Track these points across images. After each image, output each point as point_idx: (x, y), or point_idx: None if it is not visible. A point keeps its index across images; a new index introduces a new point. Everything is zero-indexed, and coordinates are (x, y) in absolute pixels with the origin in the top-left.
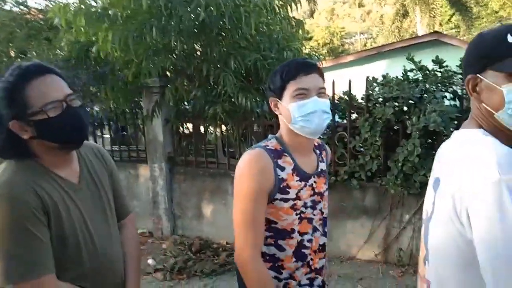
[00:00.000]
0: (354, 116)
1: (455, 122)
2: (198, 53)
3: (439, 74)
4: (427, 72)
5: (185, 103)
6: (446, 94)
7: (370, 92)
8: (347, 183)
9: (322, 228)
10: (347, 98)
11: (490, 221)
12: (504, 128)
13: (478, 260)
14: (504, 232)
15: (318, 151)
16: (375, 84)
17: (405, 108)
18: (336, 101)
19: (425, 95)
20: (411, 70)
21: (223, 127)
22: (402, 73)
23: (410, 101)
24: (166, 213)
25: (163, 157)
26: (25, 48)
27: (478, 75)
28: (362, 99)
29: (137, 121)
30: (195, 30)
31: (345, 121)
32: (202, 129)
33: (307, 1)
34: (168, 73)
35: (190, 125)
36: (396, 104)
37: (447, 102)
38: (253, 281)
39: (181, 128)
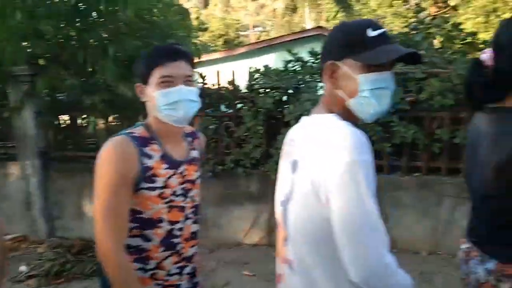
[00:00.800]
0: (239, 105)
1: None
2: (74, 39)
3: (314, 65)
4: (303, 63)
5: (60, 93)
6: (321, 84)
7: (253, 82)
8: (233, 171)
9: (194, 215)
10: (232, 88)
11: (346, 198)
12: (352, 114)
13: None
14: (358, 207)
15: (190, 139)
16: (257, 75)
17: (284, 98)
18: (221, 91)
19: (302, 85)
20: (289, 62)
21: (110, 118)
22: (283, 65)
23: (289, 91)
24: (42, 214)
25: (36, 153)
26: None
27: (337, 62)
28: (246, 89)
29: (4, 114)
30: (69, 13)
31: (230, 111)
32: (81, 121)
33: None
34: (41, 60)
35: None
36: (277, 93)
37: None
38: (115, 275)
39: (56, 121)
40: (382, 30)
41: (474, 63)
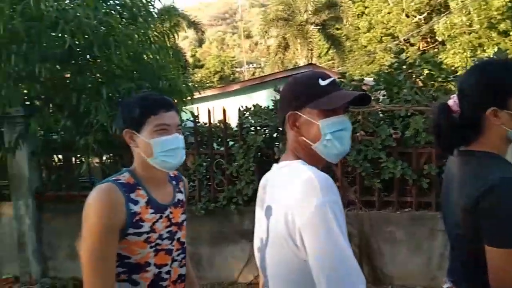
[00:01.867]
0: (230, 143)
1: None
2: (68, 81)
3: None
4: None
5: (54, 133)
6: None
7: (244, 121)
8: (226, 209)
9: (181, 258)
10: (223, 127)
11: (320, 239)
12: (319, 158)
13: (312, 278)
14: (332, 246)
15: (174, 182)
16: (247, 114)
17: (274, 135)
18: (213, 129)
19: None
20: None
21: (104, 157)
22: (273, 103)
23: (279, 129)
24: (35, 255)
25: (30, 192)
26: None
27: (297, 112)
28: (236, 127)
29: None
30: (63, 57)
31: (222, 149)
32: (75, 161)
33: (195, 31)
34: (36, 101)
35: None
36: (267, 131)
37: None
38: None
39: (51, 161)
40: (332, 78)
41: (442, 107)
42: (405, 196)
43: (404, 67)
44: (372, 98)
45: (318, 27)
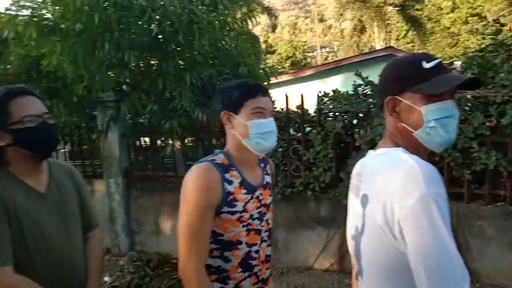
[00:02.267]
0: (307, 129)
1: None
2: (154, 67)
3: None
4: (374, 87)
5: (141, 117)
6: None
7: (322, 106)
8: (302, 194)
9: (268, 239)
10: (300, 112)
11: (422, 231)
12: (420, 146)
13: (409, 270)
14: (434, 238)
15: (262, 165)
16: (326, 99)
17: (354, 122)
18: (290, 115)
19: (372, 109)
20: (359, 86)
21: (186, 140)
22: (352, 88)
23: (360, 115)
24: (124, 229)
25: (120, 172)
26: None
27: (397, 96)
28: (314, 113)
29: (92, 136)
30: (150, 44)
31: (299, 134)
32: (160, 143)
33: (268, 16)
34: (125, 87)
35: (147, 139)
36: (346, 117)
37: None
38: None
39: (137, 143)
40: (437, 61)
41: None
42: (498, 189)
43: (500, 49)
44: None
45: (397, 8)
